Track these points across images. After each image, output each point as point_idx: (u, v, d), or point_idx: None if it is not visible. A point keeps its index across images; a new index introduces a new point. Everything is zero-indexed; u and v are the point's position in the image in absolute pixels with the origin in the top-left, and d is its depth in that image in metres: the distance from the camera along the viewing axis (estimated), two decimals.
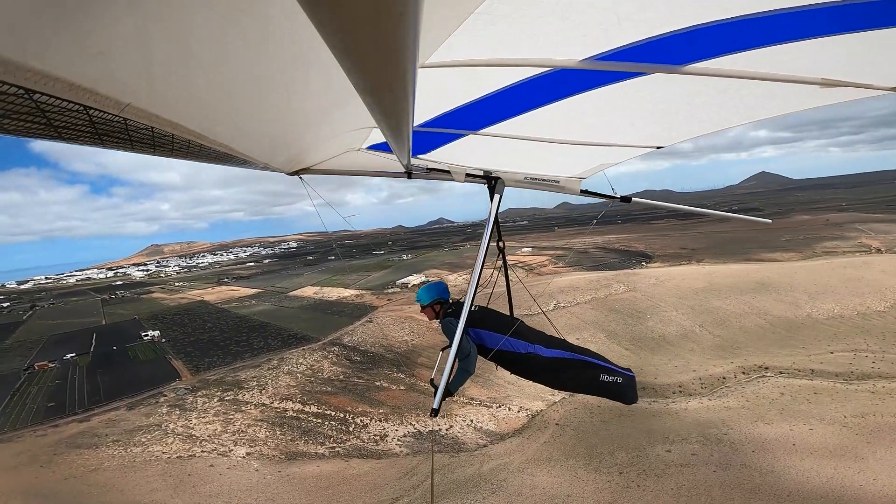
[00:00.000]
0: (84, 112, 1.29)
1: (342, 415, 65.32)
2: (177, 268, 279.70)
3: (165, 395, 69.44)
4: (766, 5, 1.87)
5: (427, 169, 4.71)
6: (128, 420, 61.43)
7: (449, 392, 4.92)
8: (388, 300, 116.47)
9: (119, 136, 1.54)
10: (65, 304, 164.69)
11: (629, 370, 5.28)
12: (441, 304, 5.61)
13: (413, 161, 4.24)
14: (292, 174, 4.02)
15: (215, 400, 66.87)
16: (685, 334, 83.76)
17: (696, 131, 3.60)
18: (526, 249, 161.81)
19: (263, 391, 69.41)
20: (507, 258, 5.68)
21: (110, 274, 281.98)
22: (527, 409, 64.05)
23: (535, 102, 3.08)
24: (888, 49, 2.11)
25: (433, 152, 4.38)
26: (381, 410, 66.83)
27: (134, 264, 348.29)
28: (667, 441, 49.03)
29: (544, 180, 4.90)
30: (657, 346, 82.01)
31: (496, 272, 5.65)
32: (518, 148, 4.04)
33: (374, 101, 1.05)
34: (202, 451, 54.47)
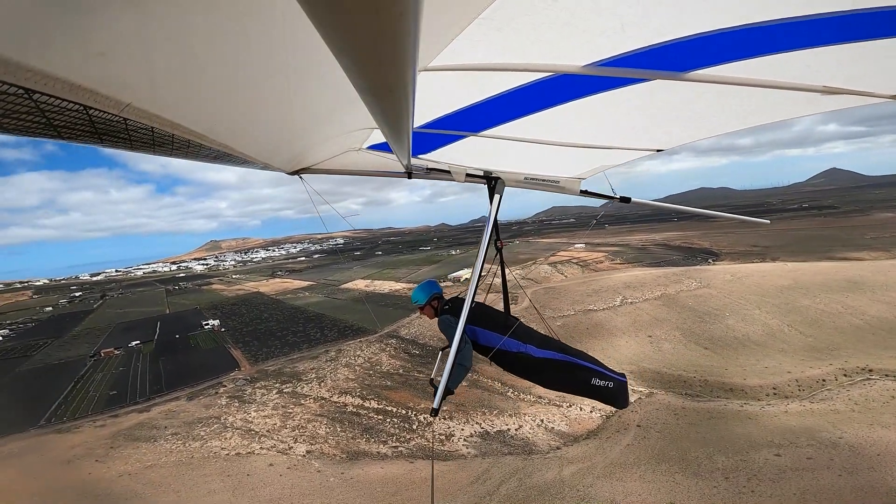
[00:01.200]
0: (84, 112, 1.22)
1: (404, 411, 58.54)
2: (233, 262, 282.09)
3: (225, 386, 64.28)
4: (769, 15, 1.80)
5: (427, 169, 4.41)
6: (187, 411, 56.32)
7: (449, 391, 4.32)
8: (444, 293, 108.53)
9: (119, 135, 1.45)
10: (132, 294, 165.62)
11: (622, 375, 4.89)
12: (438, 301, 5.29)
13: (413, 161, 4.02)
14: (292, 174, 3.80)
15: (274, 392, 61.18)
16: (772, 334, 73.19)
17: (696, 135, 3.46)
18: (579, 245, 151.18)
19: (322, 384, 63.35)
20: (504, 260, 5.06)
21: (174, 267, 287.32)
22: (600, 410, 56.20)
23: (537, 106, 2.91)
24: (888, 58, 2.02)
25: (434, 152, 4.10)
26: (444, 408, 58.65)
27: (195, 259, 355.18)
28: (772, 445, 42.98)
29: (544, 180, 4.65)
30: (740, 345, 71.63)
31: (496, 267, 5.07)
32: (518, 149, 3.83)
33: (375, 102, 1.01)
34: (261, 448, 48.56)
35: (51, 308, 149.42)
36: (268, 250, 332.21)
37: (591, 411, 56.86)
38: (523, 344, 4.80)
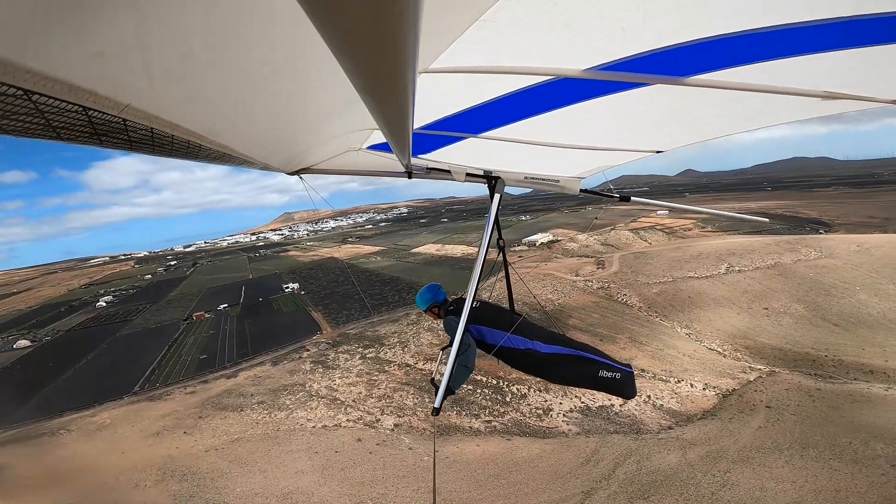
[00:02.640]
0: (83, 113, 1.19)
1: (494, 381, 50.56)
2: (306, 231, 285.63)
3: (308, 350, 59.16)
4: (769, 21, 1.75)
5: (427, 168, 4.28)
6: (272, 377, 51.44)
7: (451, 390, 4.13)
8: (520, 257, 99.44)
9: (118, 136, 1.41)
10: (219, 262, 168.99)
11: (628, 366, 4.86)
12: (440, 305, 5.12)
13: (413, 161, 3.90)
14: (292, 174, 3.68)
15: (357, 358, 55.15)
16: None
17: (696, 138, 3.34)
18: (662, 212, 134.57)
19: (406, 349, 56.57)
20: (507, 259, 5.09)
21: (253, 238, 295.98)
22: (714, 387, 47.38)
23: (537, 109, 2.81)
24: (890, 64, 1.95)
25: (434, 152, 3.99)
26: (538, 379, 50.56)
27: (271, 230, 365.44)
28: None
29: (544, 180, 4.50)
30: (876, 323, 57.54)
31: (498, 262, 4.93)
32: (518, 149, 3.71)
33: (375, 102, 0.99)
34: (347, 420, 42.46)
35: (150, 276, 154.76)
36: (336, 220, 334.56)
37: (703, 388, 47.16)
38: (530, 340, 4.57)
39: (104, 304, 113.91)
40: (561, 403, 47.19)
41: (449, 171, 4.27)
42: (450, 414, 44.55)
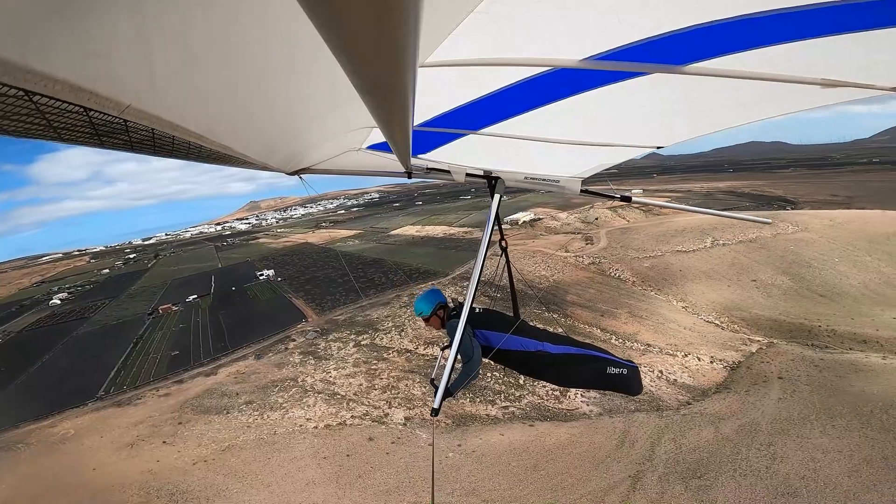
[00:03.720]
0: (84, 113, 1.18)
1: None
2: (274, 220, 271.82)
3: (294, 340, 52.96)
4: (766, 5, 1.69)
5: (427, 169, 4.16)
6: (258, 373, 45.20)
7: (449, 392, 3.99)
8: (506, 235, 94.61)
9: (119, 136, 1.41)
10: (184, 252, 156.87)
11: (632, 362, 4.69)
12: (443, 309, 4.86)
13: (413, 161, 3.78)
14: (292, 174, 3.52)
15: (351, 345, 49.55)
16: (890, 282, 58.88)
17: (696, 131, 3.23)
18: (637, 191, 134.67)
19: (403, 334, 51.38)
20: (509, 259, 4.97)
21: (218, 228, 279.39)
22: (720, 360, 46.04)
23: (535, 102, 2.72)
24: (888, 49, 1.89)
25: (433, 152, 3.86)
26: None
27: (237, 219, 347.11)
28: None
29: (544, 180, 4.31)
30: (860, 294, 57.64)
31: (500, 265, 4.89)
32: (518, 148, 3.56)
33: (374, 101, 0.97)
34: (353, 417, 37.11)
35: (107, 270, 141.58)
36: (305, 207, 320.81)
37: (710, 362, 45.63)
38: (540, 342, 4.47)
39: (58, 302, 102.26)
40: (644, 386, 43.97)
41: (449, 172, 4.10)
42: (463, 402, 40.10)
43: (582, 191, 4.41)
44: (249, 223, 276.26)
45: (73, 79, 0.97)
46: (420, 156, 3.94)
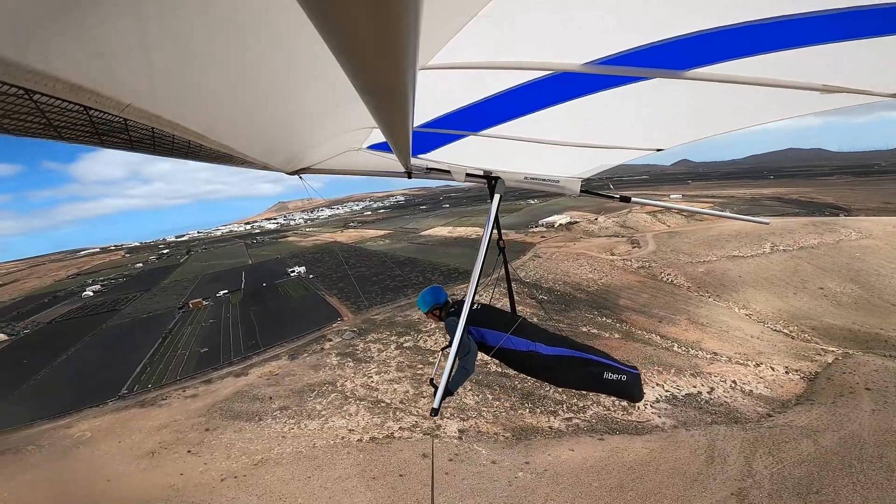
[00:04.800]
0: (84, 112, 1.17)
1: None
2: (301, 220, 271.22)
3: (331, 340, 47.93)
4: (768, 13, 1.69)
5: (427, 168, 4.01)
6: (293, 374, 40.23)
7: (449, 391, 3.77)
8: (542, 238, 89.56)
9: (119, 135, 1.39)
10: (215, 249, 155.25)
11: (634, 368, 4.33)
12: (441, 308, 4.73)
13: (413, 161, 3.67)
14: (292, 174, 3.41)
15: (393, 347, 44.25)
16: None
17: (696, 135, 3.15)
18: (675, 196, 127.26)
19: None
20: (507, 259, 4.75)
21: (248, 227, 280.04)
22: (796, 370, 41.48)
23: (537, 105, 2.67)
24: (888, 56, 1.88)
25: (433, 152, 3.71)
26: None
27: (266, 219, 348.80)
28: None
29: (544, 180, 4.19)
30: None
31: (498, 269, 4.70)
32: (518, 148, 3.44)
33: (374, 102, 0.96)
34: (400, 429, 31.69)
35: (141, 265, 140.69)
36: (332, 208, 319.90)
37: (786, 372, 40.88)
38: (532, 342, 4.25)
39: (90, 294, 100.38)
40: (644, 392, 38.12)
41: (449, 172, 4.00)
42: (522, 412, 34.61)
43: (582, 191, 4.19)
44: (278, 223, 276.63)
45: (73, 78, 0.96)
46: (420, 156, 3.77)
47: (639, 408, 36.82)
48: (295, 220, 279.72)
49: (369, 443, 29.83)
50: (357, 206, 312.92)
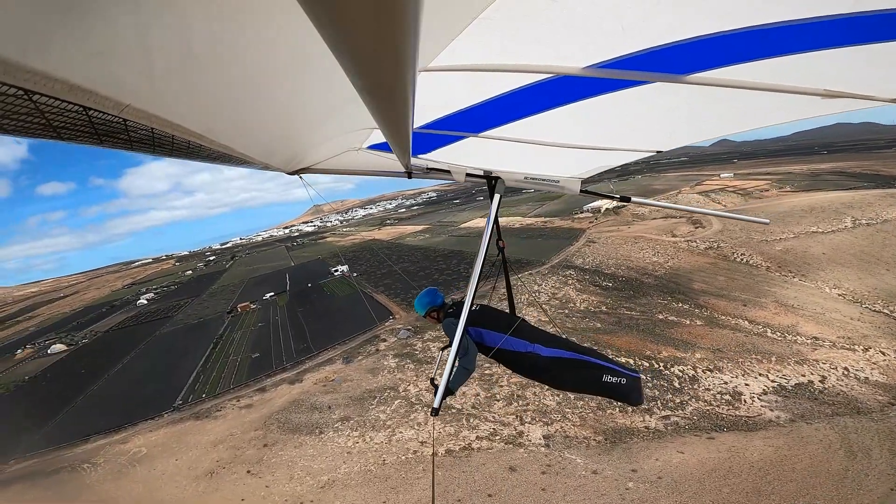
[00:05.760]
0: (83, 112, 1.13)
1: (645, 363, 35.82)
2: (337, 221, 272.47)
3: (385, 340, 44.33)
4: (769, 18, 1.66)
5: (427, 168, 3.88)
6: (350, 380, 36.76)
7: (450, 391, 3.70)
8: (591, 223, 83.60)
9: (119, 136, 1.36)
10: (258, 253, 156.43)
11: (635, 371, 4.13)
12: (438, 309, 4.55)
13: (413, 161, 3.55)
14: (292, 174, 3.32)
15: None
16: None
17: (696, 137, 3.12)
18: (725, 175, 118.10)
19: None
20: (506, 260, 4.43)
21: (286, 231, 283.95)
22: None
23: (537, 107, 2.62)
24: (889, 62, 1.85)
25: (434, 152, 3.60)
26: (697, 355, 36.75)
27: (303, 222, 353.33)
28: None
29: (544, 180, 4.07)
30: None
31: (496, 270, 4.36)
32: (518, 149, 3.36)
33: (375, 102, 0.95)
34: (478, 439, 27.58)
35: (190, 272, 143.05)
36: (365, 208, 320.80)
37: None
38: (531, 343, 4.05)
39: (145, 302, 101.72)
40: (748, 385, 33.56)
41: (448, 171, 3.90)
42: (612, 412, 29.85)
43: (582, 191, 4.08)
44: (315, 225, 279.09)
45: (72, 78, 0.95)
46: (420, 156, 3.65)
47: (744, 401, 31.63)
48: (331, 221, 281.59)
49: (446, 457, 25.77)
50: (390, 204, 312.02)
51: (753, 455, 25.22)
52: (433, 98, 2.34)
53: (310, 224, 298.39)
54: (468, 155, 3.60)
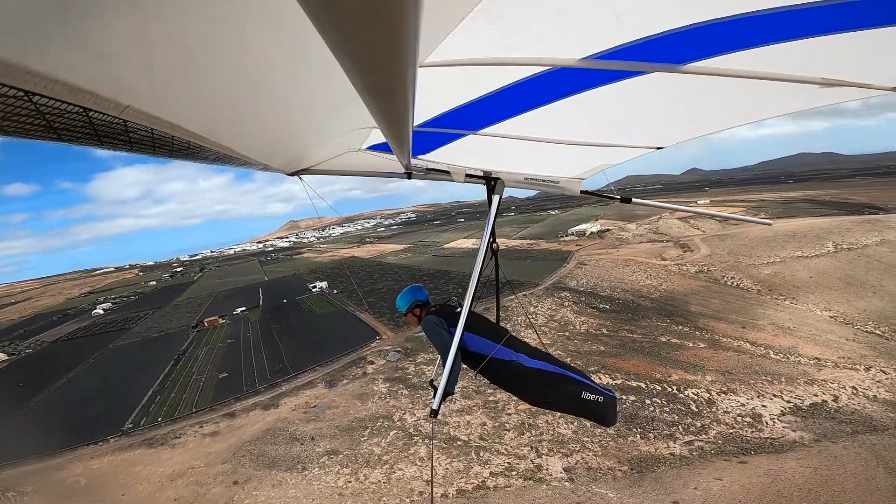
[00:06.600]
0: (84, 114, 1.13)
1: (658, 386, 33.44)
2: (314, 237, 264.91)
3: (373, 363, 39.74)
4: (765, 4, 1.60)
5: (427, 169, 3.73)
6: (336, 406, 32.00)
7: (449, 392, 3.59)
8: (578, 246, 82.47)
9: (119, 137, 1.35)
10: (229, 266, 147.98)
11: (611, 391, 4.08)
12: (420, 307, 4.30)
13: (413, 161, 3.40)
14: (292, 174, 3.24)
15: None
16: None
17: (695, 132, 3.00)
18: (702, 202, 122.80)
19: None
20: (499, 263, 4.16)
21: (260, 245, 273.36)
22: None
23: (535, 102, 2.57)
24: (888, 48, 1.79)
25: (433, 153, 3.48)
26: (708, 378, 35.00)
27: (278, 237, 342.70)
28: None
29: (544, 181, 3.99)
30: None
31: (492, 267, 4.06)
32: (518, 148, 3.25)
33: (374, 102, 0.94)
34: (492, 475, 23.72)
35: (154, 282, 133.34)
36: (343, 226, 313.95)
37: None
38: (515, 353, 3.89)
39: (101, 312, 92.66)
40: (765, 406, 31.97)
41: (448, 172, 3.73)
42: (633, 439, 26.78)
43: (582, 191, 3.99)
44: (290, 241, 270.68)
45: (72, 79, 0.94)
46: (419, 156, 3.54)
47: (767, 423, 29.88)
48: (307, 237, 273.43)
49: (458, 498, 21.52)
50: (368, 223, 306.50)
51: (795, 477, 23.25)
52: (430, 95, 2.25)
53: (285, 240, 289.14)
54: (467, 154, 3.44)
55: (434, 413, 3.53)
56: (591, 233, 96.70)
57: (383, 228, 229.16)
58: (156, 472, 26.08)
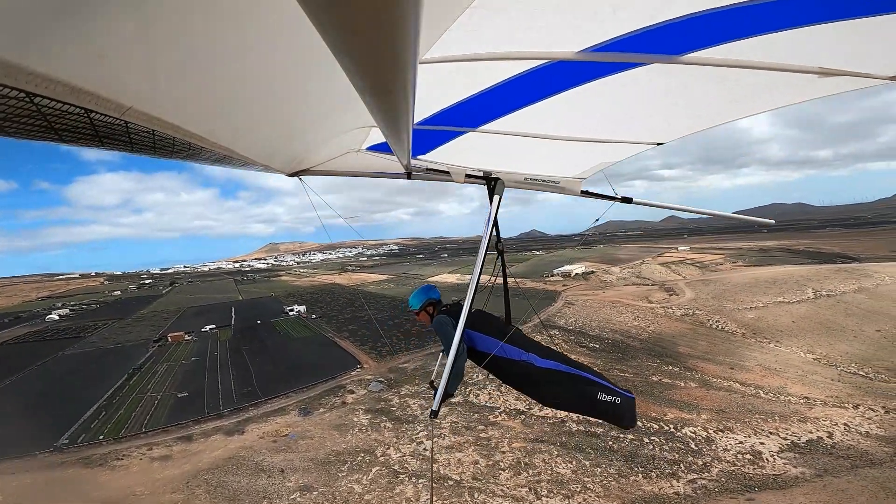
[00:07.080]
0: (85, 115, 1.14)
1: (654, 425, 31.80)
2: (293, 262, 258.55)
3: (353, 392, 36.29)
4: None
5: (426, 170, 3.60)
6: (310, 436, 28.35)
7: (449, 394, 3.47)
8: (564, 286, 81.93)
9: (120, 138, 1.35)
10: (202, 283, 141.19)
11: (629, 392, 3.82)
12: (433, 306, 4.19)
13: (413, 162, 3.35)
14: (292, 175, 3.16)
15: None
16: None
17: (695, 126, 2.93)
18: (683, 248, 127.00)
19: (505, 389, 35.98)
20: (505, 262, 4.05)
21: (237, 265, 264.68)
22: (894, 409, 36.87)
23: (534, 97, 2.54)
24: (887, 36, 1.76)
25: (432, 152, 3.40)
26: (704, 416, 33.68)
27: (256, 258, 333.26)
28: None
29: (544, 181, 3.88)
30: None
31: (494, 276, 4.03)
32: (517, 147, 3.24)
33: (374, 101, 0.93)
34: None
35: (119, 292, 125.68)
36: (324, 253, 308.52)
37: (886, 412, 36.24)
38: (525, 352, 3.73)
39: (56, 318, 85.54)
40: (763, 443, 30.81)
41: (448, 173, 3.62)
42: (635, 478, 24.40)
43: (582, 191, 3.90)
44: (269, 262, 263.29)
45: (74, 81, 0.94)
46: (419, 157, 3.46)
47: (768, 460, 28.73)
48: (287, 261, 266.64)
49: None
50: (350, 252, 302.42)
51: None
52: (428, 92, 2.25)
53: (263, 261, 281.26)
54: (467, 155, 3.37)
55: (434, 414, 3.41)
56: (577, 274, 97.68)
57: (365, 258, 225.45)
58: (90, 496, 21.94)
